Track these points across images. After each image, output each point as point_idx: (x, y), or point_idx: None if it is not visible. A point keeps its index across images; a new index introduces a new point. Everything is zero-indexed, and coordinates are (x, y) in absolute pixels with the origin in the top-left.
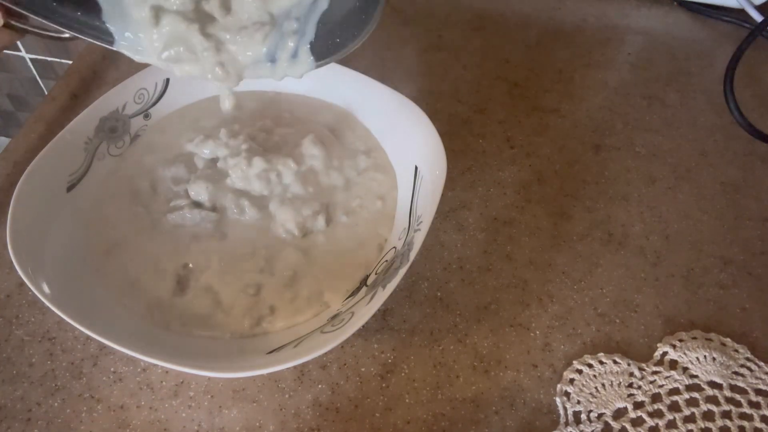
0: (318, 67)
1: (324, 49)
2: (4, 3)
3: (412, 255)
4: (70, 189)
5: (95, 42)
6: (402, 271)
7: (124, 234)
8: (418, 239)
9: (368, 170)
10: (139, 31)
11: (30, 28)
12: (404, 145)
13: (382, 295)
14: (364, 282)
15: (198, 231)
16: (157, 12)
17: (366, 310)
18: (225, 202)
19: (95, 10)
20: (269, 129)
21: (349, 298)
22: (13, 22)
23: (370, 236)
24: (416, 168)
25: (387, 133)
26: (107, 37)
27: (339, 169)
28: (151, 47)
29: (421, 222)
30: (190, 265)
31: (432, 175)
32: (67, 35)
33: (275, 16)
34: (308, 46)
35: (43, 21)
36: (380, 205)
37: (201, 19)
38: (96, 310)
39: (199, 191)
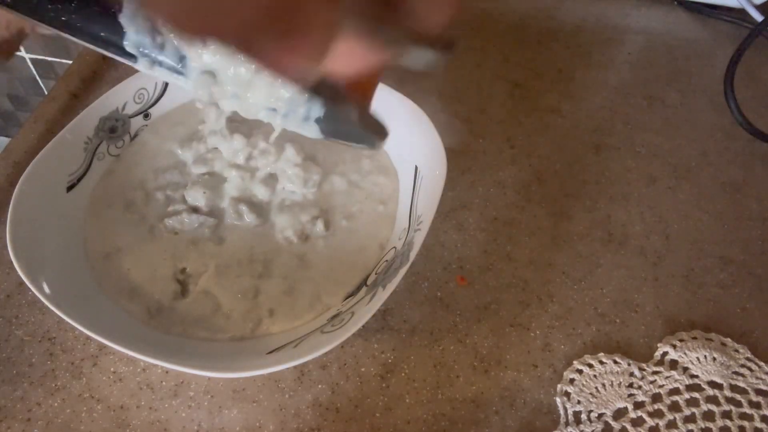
0: (325, 139)
1: (329, 129)
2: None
3: (412, 255)
4: (69, 189)
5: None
6: (402, 271)
7: (122, 238)
8: (418, 239)
9: (371, 173)
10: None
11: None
12: (404, 145)
13: (382, 295)
14: (364, 282)
15: (196, 235)
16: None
17: (366, 310)
18: (223, 207)
19: (119, 33)
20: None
21: (349, 298)
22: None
23: (370, 239)
24: (416, 168)
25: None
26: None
27: (342, 173)
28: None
29: (422, 222)
30: (188, 270)
31: (432, 175)
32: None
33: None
34: (314, 120)
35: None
36: (382, 209)
37: None
38: (96, 311)
39: (196, 197)
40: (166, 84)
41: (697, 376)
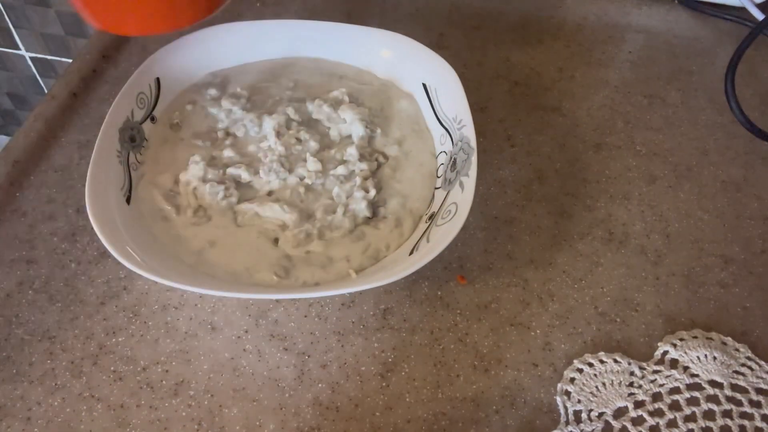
0: None
1: None
2: None
3: (473, 143)
4: (128, 201)
5: None
6: (473, 158)
7: (211, 233)
8: (469, 132)
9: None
10: None
11: None
12: (405, 70)
13: (470, 183)
14: (435, 188)
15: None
16: None
17: (464, 199)
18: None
19: None
20: (303, 108)
21: (431, 203)
22: None
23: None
24: (424, 85)
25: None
26: None
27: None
28: None
29: (461, 120)
30: (279, 241)
31: (446, 84)
32: None
33: None
34: None
35: None
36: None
37: None
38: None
39: (270, 179)
40: (158, 84)
41: (697, 375)
